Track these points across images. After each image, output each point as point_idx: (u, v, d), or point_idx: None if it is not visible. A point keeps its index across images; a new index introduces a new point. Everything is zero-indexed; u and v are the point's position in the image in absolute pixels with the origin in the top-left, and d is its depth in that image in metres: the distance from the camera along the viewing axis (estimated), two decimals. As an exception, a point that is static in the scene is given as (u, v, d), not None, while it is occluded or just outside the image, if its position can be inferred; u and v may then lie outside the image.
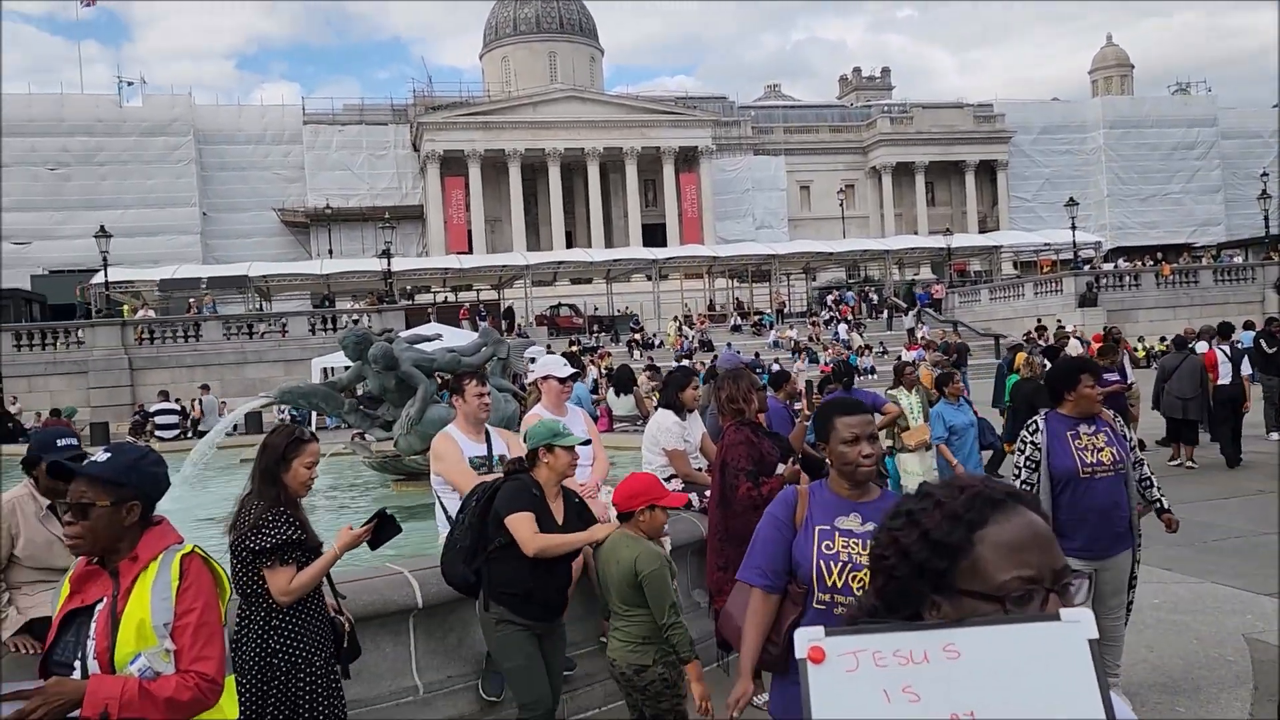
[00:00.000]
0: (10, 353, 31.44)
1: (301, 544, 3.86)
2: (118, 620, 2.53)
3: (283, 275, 45.09)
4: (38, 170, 55.92)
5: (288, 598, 3.81)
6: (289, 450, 3.99)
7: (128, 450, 2.74)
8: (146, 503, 2.67)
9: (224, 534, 4.13)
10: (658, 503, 4.23)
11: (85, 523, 2.58)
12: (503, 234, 63.15)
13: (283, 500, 3.93)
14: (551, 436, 4.41)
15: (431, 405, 9.70)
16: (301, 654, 3.85)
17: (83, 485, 2.61)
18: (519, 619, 4.32)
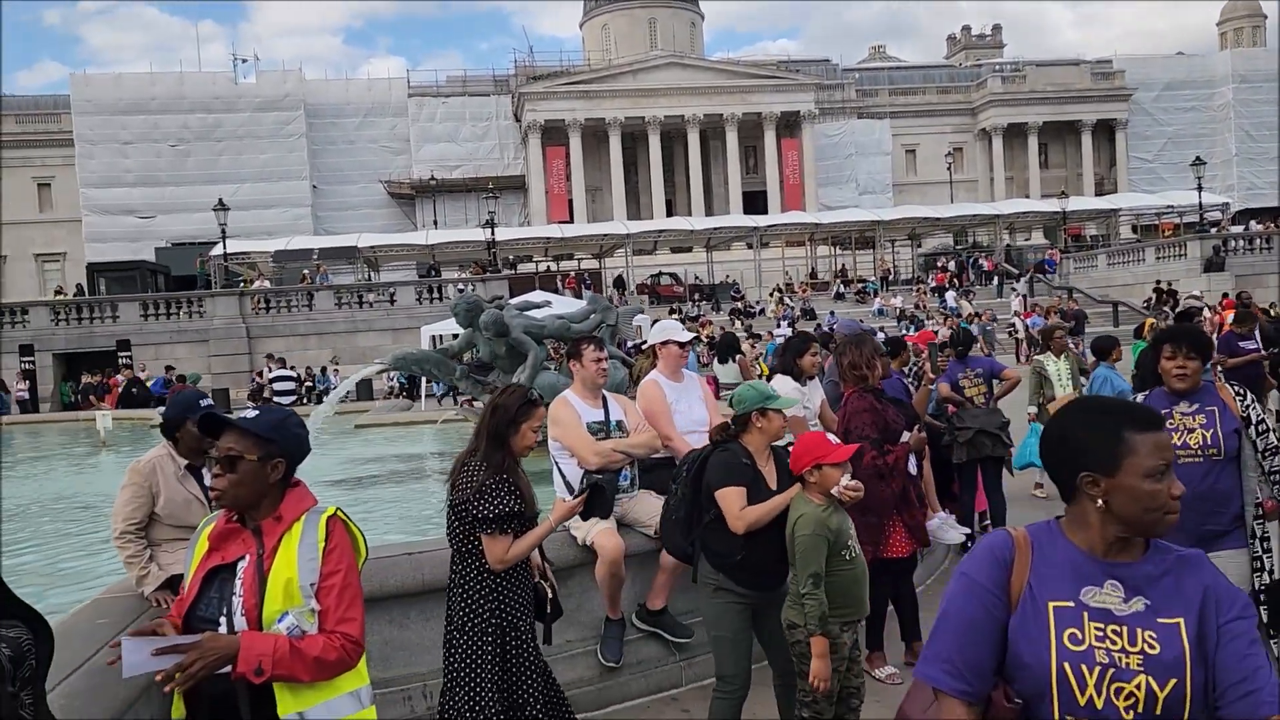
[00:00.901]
0: (138, 322, 32.94)
1: (521, 514, 3.88)
2: (265, 578, 2.55)
3: (390, 246, 46.07)
4: (160, 147, 58.24)
5: (502, 565, 3.86)
6: (520, 413, 3.97)
7: (274, 410, 2.76)
8: (290, 462, 2.68)
9: (444, 486, 4.20)
10: (823, 460, 4.08)
11: (232, 475, 2.60)
12: (603, 203, 63.26)
13: (505, 464, 3.92)
14: (764, 400, 4.28)
15: (542, 372, 9.72)
16: (509, 616, 3.89)
17: (233, 438, 2.63)
18: (736, 588, 4.25)
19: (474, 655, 3.84)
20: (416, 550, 5.11)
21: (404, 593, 4.94)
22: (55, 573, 7.22)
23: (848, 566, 4.12)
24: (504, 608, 3.89)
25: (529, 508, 3.92)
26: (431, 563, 5.00)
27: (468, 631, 3.87)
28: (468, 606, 3.90)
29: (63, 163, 61.64)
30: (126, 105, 58.06)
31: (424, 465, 11.27)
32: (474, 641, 3.85)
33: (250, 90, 59.89)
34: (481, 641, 3.84)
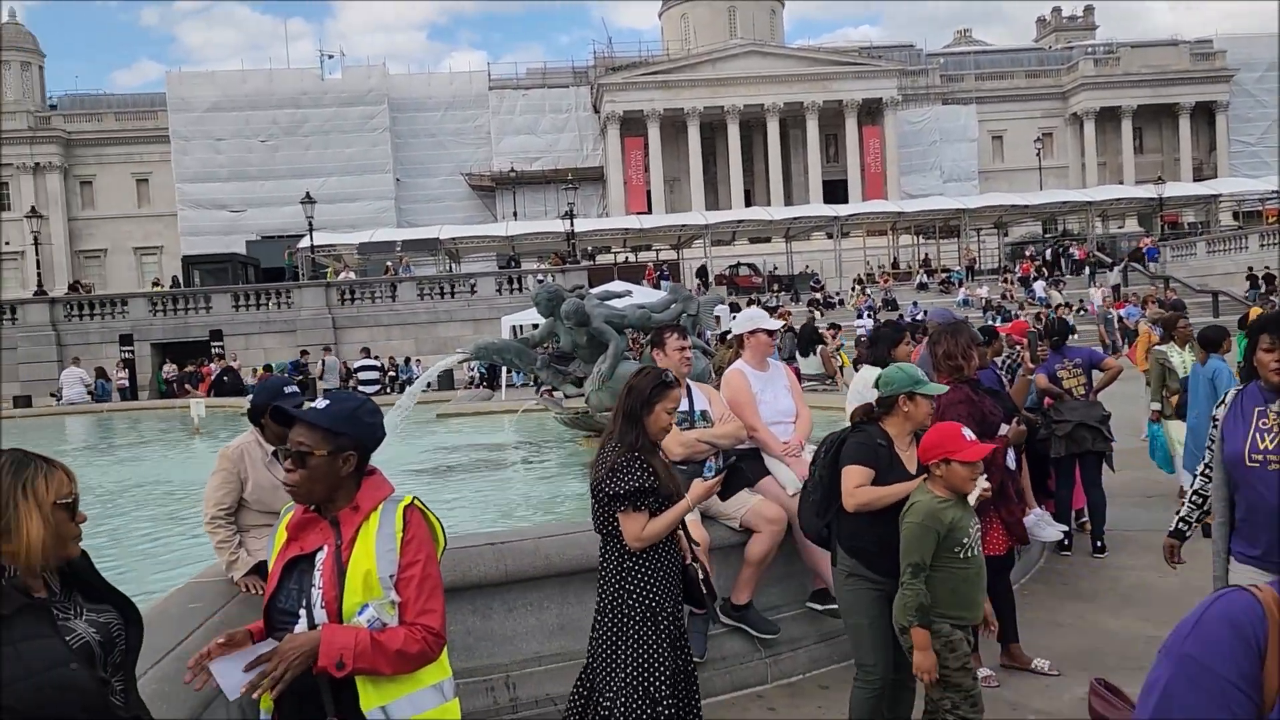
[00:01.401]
0: (230, 313, 33.88)
1: (655, 491, 3.80)
2: (344, 570, 2.50)
3: (470, 237, 46.60)
4: (251, 142, 59.87)
5: (639, 544, 3.78)
6: (654, 394, 3.90)
7: (346, 399, 2.68)
8: (362, 453, 2.62)
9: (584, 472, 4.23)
10: (953, 456, 3.86)
11: (303, 470, 2.55)
12: (681, 193, 63.06)
13: (640, 444, 3.86)
14: (913, 384, 4.15)
15: (623, 362, 9.65)
16: (653, 600, 3.80)
17: (302, 432, 2.58)
18: (870, 574, 4.14)
19: (616, 638, 3.79)
20: (499, 540, 5.07)
21: (486, 583, 4.90)
22: (148, 555, 7.40)
23: (961, 565, 3.91)
24: (647, 590, 3.81)
25: (664, 486, 3.83)
26: (514, 554, 4.96)
27: (611, 614, 3.82)
28: (611, 588, 3.86)
29: (159, 159, 63.82)
30: (219, 102, 59.80)
31: (505, 455, 11.32)
32: (617, 624, 3.79)
33: (336, 86, 61.16)
34: (625, 624, 3.78)
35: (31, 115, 65.63)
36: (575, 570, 5.04)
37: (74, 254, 65.83)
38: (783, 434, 5.69)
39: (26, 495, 2.13)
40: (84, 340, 32.96)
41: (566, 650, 5.03)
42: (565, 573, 5.05)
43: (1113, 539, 7.64)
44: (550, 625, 5.09)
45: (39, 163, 64.97)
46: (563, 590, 5.10)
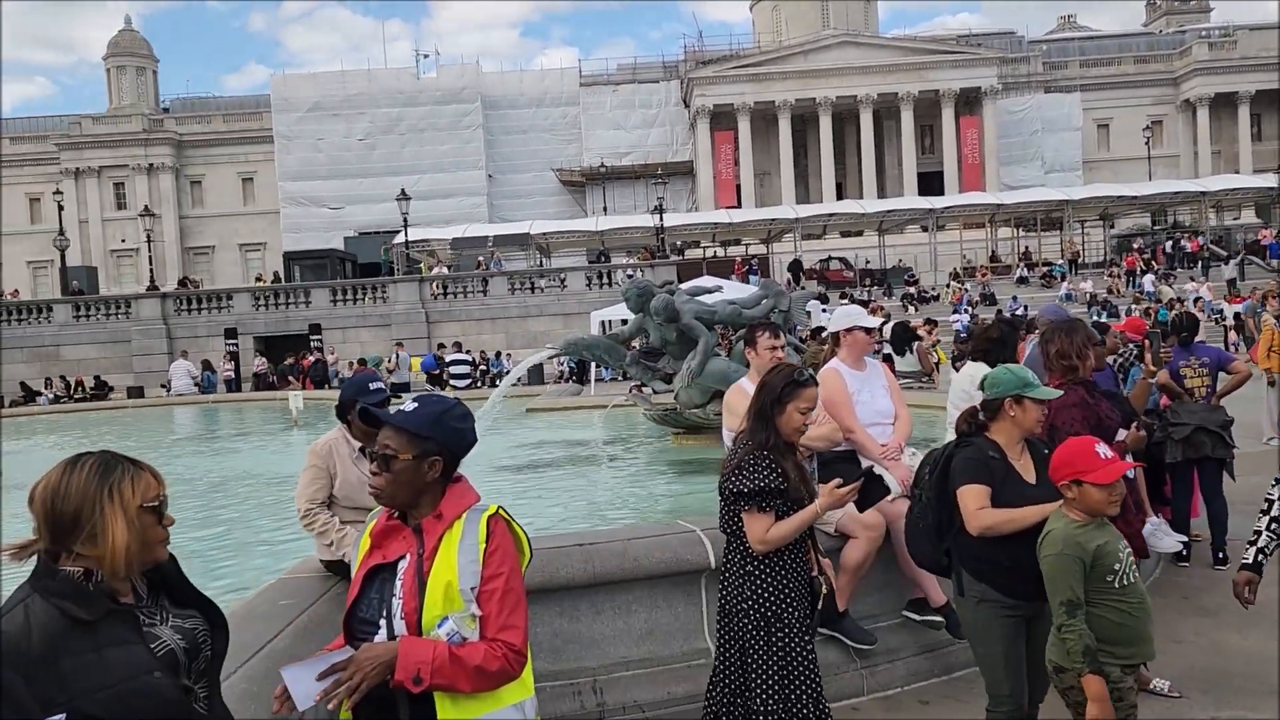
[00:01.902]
0: (328, 307, 34.79)
1: (783, 493, 3.64)
2: (424, 581, 2.41)
3: (561, 232, 46.91)
4: (349, 141, 61.38)
5: (764, 546, 3.64)
6: (785, 393, 3.74)
7: (434, 402, 2.59)
8: (449, 459, 2.52)
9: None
10: (1084, 478, 3.40)
11: (388, 474, 2.48)
12: (771, 187, 62.44)
13: (771, 444, 3.71)
14: (1022, 386, 3.80)
15: (712, 358, 9.49)
16: (775, 607, 3.65)
17: (388, 435, 2.50)
18: (1002, 598, 3.72)
19: (738, 641, 3.67)
20: (587, 541, 4.97)
21: (574, 584, 4.80)
22: (244, 548, 7.53)
23: (1117, 595, 3.41)
24: (769, 596, 3.65)
25: (794, 489, 3.66)
26: (602, 555, 4.85)
27: (733, 615, 3.70)
28: (733, 592, 3.72)
29: (264, 158, 65.97)
30: (320, 102, 61.45)
31: (593, 451, 11.26)
32: (738, 627, 3.68)
33: (431, 85, 62.24)
34: (744, 628, 3.66)
35: (146, 118, 68.49)
36: (664, 573, 4.92)
37: (184, 251, 68.54)
38: (881, 436, 5.46)
39: (112, 498, 2.09)
40: (192, 334, 34.26)
41: (654, 655, 4.91)
42: (654, 576, 4.92)
43: (1236, 550, 7.17)
44: (638, 629, 4.97)
45: (152, 164, 67.78)
46: (651, 593, 4.98)
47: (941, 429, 6.60)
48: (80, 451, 2.21)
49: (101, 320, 35.00)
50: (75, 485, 2.10)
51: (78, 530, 2.08)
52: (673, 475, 9.18)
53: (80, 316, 35.15)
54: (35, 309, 35.92)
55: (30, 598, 2.06)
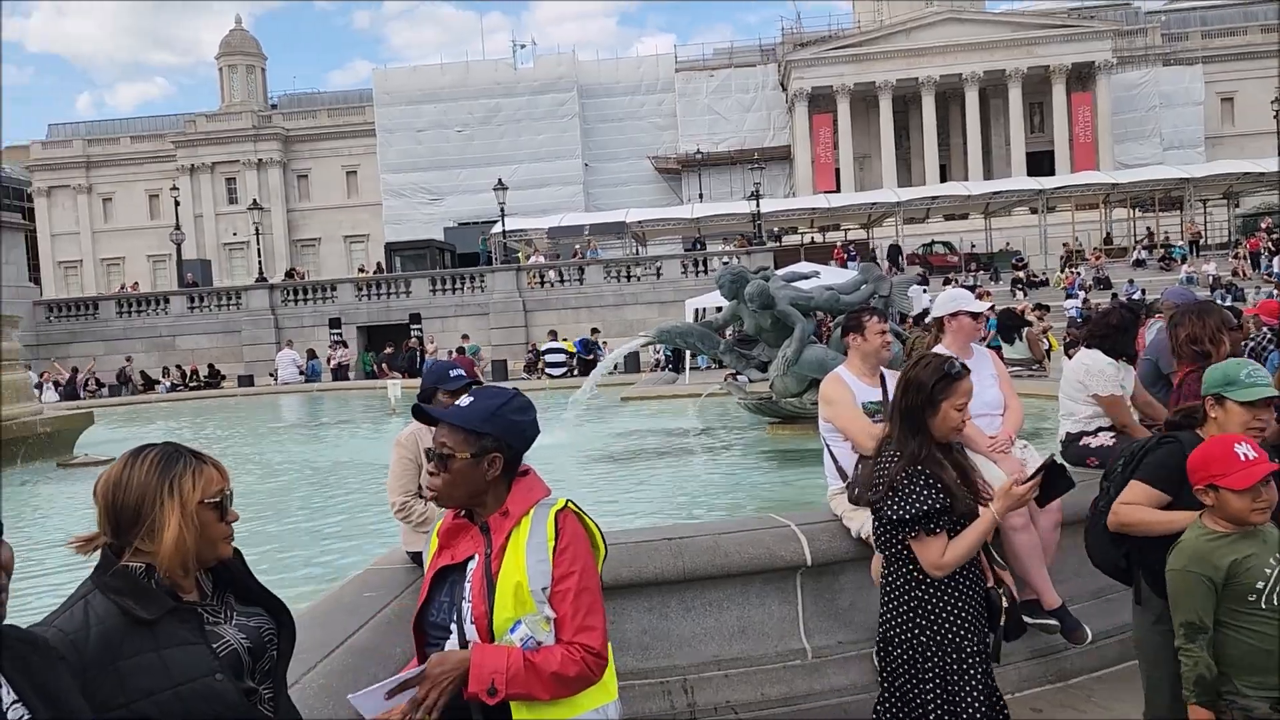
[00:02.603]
0: (427, 296, 35.40)
1: (950, 510, 3.18)
2: (493, 582, 2.28)
3: (656, 220, 46.78)
4: (448, 132, 62.37)
5: (941, 571, 3.20)
6: (937, 389, 3.26)
7: (490, 395, 2.45)
8: (510, 454, 2.38)
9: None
10: (1219, 481, 2.99)
11: (445, 474, 2.35)
12: (872, 171, 61.14)
13: (925, 454, 3.23)
14: (1223, 385, 3.31)
15: (809, 346, 9.21)
16: (951, 634, 3.22)
17: (444, 433, 2.38)
18: None
19: (907, 675, 3.28)
20: (677, 535, 4.79)
21: (663, 580, 4.63)
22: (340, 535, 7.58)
23: (1262, 617, 2.95)
24: (943, 623, 3.22)
25: (959, 502, 3.21)
26: (692, 550, 4.67)
27: (900, 646, 3.29)
28: (899, 619, 3.29)
29: (366, 151, 67.59)
30: (420, 95, 62.58)
31: (687, 441, 11.07)
32: (906, 660, 3.28)
33: (528, 75, 62.77)
34: (914, 661, 3.26)
35: (255, 115, 70.91)
36: (757, 570, 4.71)
37: (292, 243, 70.81)
38: (989, 428, 5.14)
39: (172, 493, 2.01)
40: (298, 324, 35.30)
41: (747, 655, 4.71)
42: (746, 572, 4.72)
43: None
44: (730, 628, 4.78)
45: (261, 159, 70.16)
46: (744, 591, 4.77)
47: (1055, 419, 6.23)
48: (146, 443, 2.14)
49: (214, 311, 36.34)
50: (136, 478, 2.03)
51: (139, 524, 2.01)
52: (768, 466, 8.94)
53: (194, 308, 36.56)
54: (153, 301, 37.49)
55: (91, 594, 2.00)
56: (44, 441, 11.61)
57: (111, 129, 76.95)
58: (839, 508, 4.91)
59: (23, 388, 11.86)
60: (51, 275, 71.50)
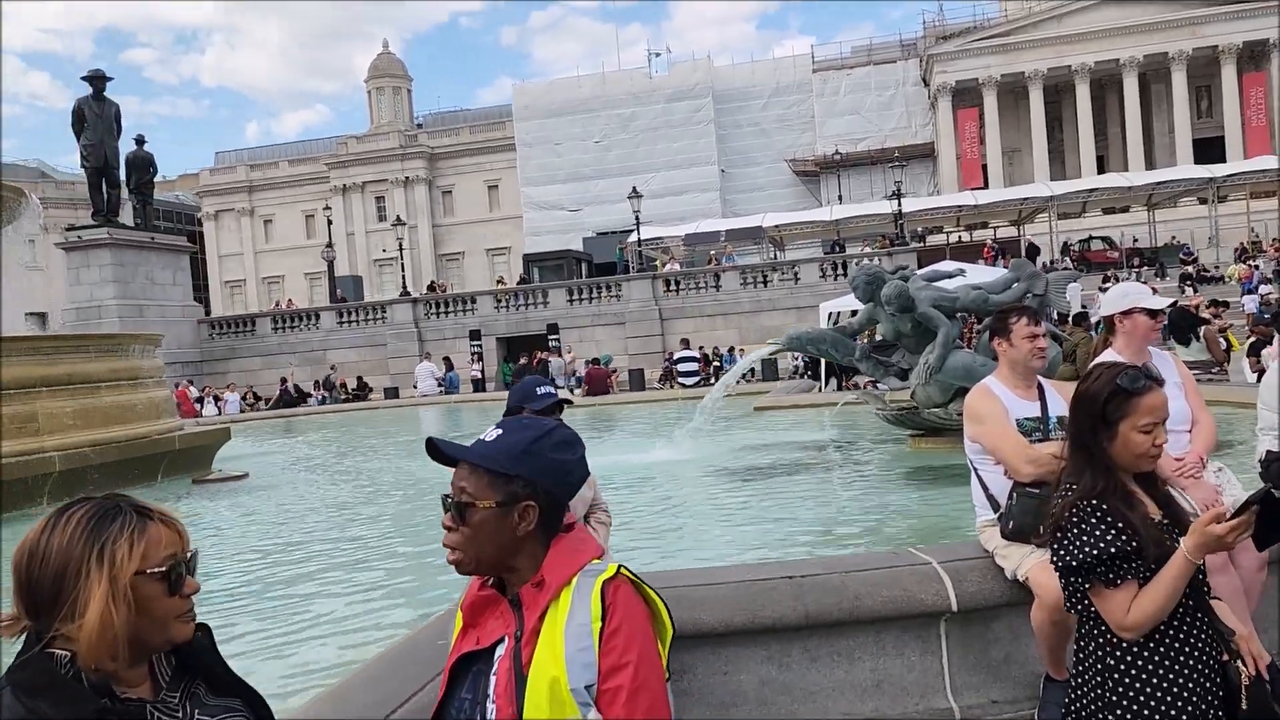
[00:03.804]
0: (565, 307, 35.55)
1: (1137, 553, 2.48)
2: (524, 676, 1.73)
3: (794, 224, 45.80)
4: (586, 144, 62.95)
5: (1132, 632, 2.49)
6: (1112, 408, 2.59)
7: (524, 427, 1.91)
8: (548, 503, 1.83)
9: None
10: None
11: (464, 529, 1.82)
12: (1021, 165, 58.33)
13: (1103, 487, 2.55)
14: None
15: (954, 351, 8.39)
16: (1157, 712, 2.46)
17: (462, 476, 1.84)
18: None
19: None
20: (799, 573, 4.17)
21: (783, 626, 4.03)
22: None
23: None
24: (1146, 700, 2.47)
25: (1149, 542, 2.49)
26: (815, 590, 4.06)
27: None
28: (1087, 694, 2.58)
29: (507, 165, 69.00)
30: (558, 108, 63.42)
31: (821, 455, 10.33)
32: None
33: (663, 83, 62.74)
34: None
35: (401, 135, 73.47)
36: (893, 615, 4.05)
37: (438, 257, 72.94)
38: (1174, 447, 4.31)
39: (101, 561, 1.56)
40: (440, 336, 36.05)
41: (882, 714, 4.06)
42: (881, 618, 4.07)
43: None
44: (863, 682, 4.13)
45: (408, 176, 72.60)
46: (878, 639, 4.12)
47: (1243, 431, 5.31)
48: (81, 496, 1.70)
49: (361, 325, 37.50)
50: (57, 544, 1.58)
51: (58, 603, 1.56)
52: (909, 485, 8.15)
53: (343, 322, 37.82)
54: (305, 316, 39.01)
55: (4, 692, 1.57)
56: (181, 457, 11.88)
57: (271, 154, 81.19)
58: (990, 542, 4.21)
59: (162, 404, 12.20)
60: (219, 294, 75.91)
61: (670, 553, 6.33)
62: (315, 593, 6.28)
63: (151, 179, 36.16)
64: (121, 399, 10.99)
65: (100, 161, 32.63)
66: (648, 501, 8.34)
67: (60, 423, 10.10)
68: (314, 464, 14.13)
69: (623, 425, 16.64)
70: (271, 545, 7.91)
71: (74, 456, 10.06)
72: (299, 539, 8.21)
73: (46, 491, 10.01)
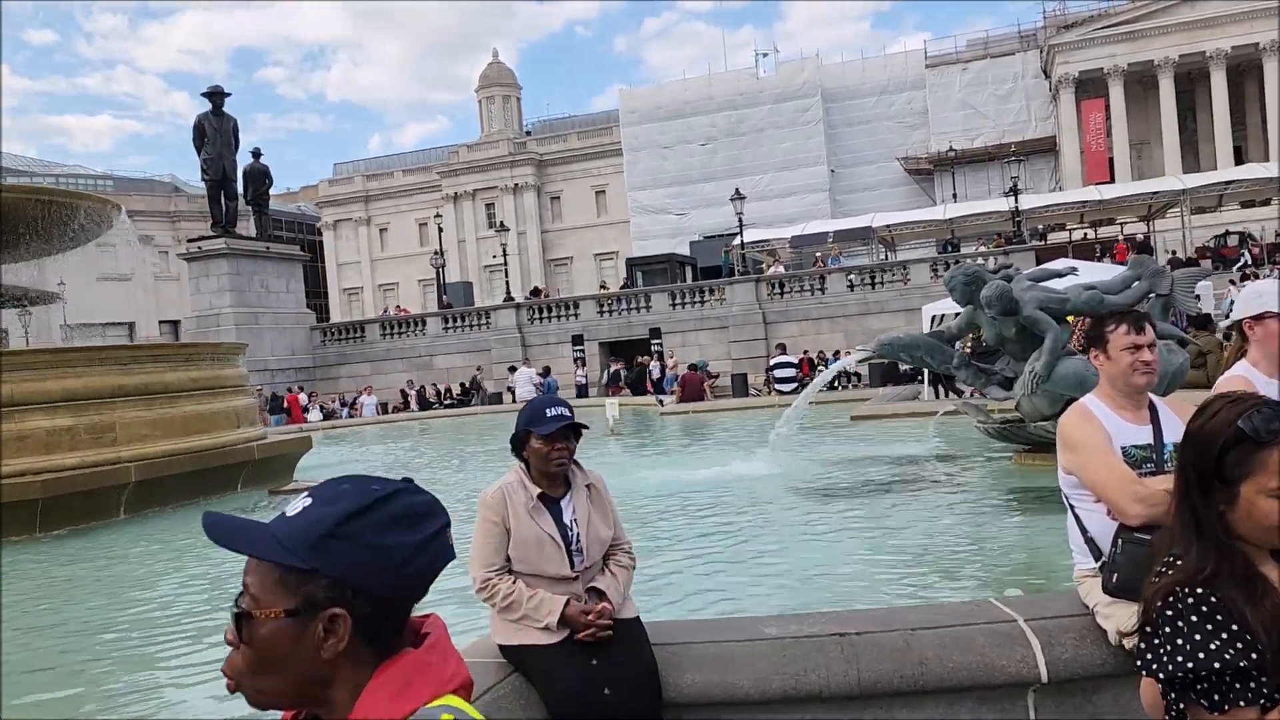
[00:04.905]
0: (667, 311, 35.05)
1: (1257, 669, 1.75)
2: None
3: (904, 224, 44.27)
4: (692, 147, 62.41)
5: None
6: (1231, 459, 1.86)
7: (339, 496, 1.28)
8: (372, 610, 1.25)
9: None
10: None
11: (244, 648, 1.25)
12: (1150, 158, 55.17)
13: (1215, 570, 1.84)
14: None
15: (1065, 358, 7.51)
16: None
17: (250, 568, 1.27)
18: None
19: None
20: (852, 629, 3.51)
21: (830, 694, 3.38)
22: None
23: None
24: None
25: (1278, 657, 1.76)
26: (871, 652, 3.40)
27: None
28: None
29: (614, 171, 69.07)
30: (665, 112, 63.09)
31: (914, 472, 9.43)
32: None
33: (770, 83, 61.73)
34: None
35: (511, 142, 74.37)
36: (967, 686, 3.36)
37: (546, 263, 73.50)
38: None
39: None
40: (543, 341, 36.02)
41: (955, 805, 3.37)
42: (952, 689, 3.38)
43: None
44: (931, 764, 3.45)
45: (517, 184, 73.42)
46: (950, 713, 3.43)
47: None
48: None
49: (466, 331, 37.79)
50: None
51: None
52: (1008, 511, 7.28)
53: (449, 328, 38.20)
54: (412, 323, 39.57)
55: None
56: (262, 467, 11.81)
57: (386, 164, 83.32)
58: (1090, 596, 3.47)
59: (242, 413, 12.16)
60: (337, 301, 78.26)
61: (713, 587, 5.66)
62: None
63: (267, 190, 37.24)
64: (200, 408, 10.98)
65: (219, 174, 33.69)
66: (711, 524, 7.70)
67: (136, 433, 10.11)
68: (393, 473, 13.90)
69: (712, 434, 16.00)
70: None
71: (150, 466, 10.06)
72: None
73: (123, 502, 10.00)
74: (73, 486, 9.50)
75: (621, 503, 8.14)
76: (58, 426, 9.54)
